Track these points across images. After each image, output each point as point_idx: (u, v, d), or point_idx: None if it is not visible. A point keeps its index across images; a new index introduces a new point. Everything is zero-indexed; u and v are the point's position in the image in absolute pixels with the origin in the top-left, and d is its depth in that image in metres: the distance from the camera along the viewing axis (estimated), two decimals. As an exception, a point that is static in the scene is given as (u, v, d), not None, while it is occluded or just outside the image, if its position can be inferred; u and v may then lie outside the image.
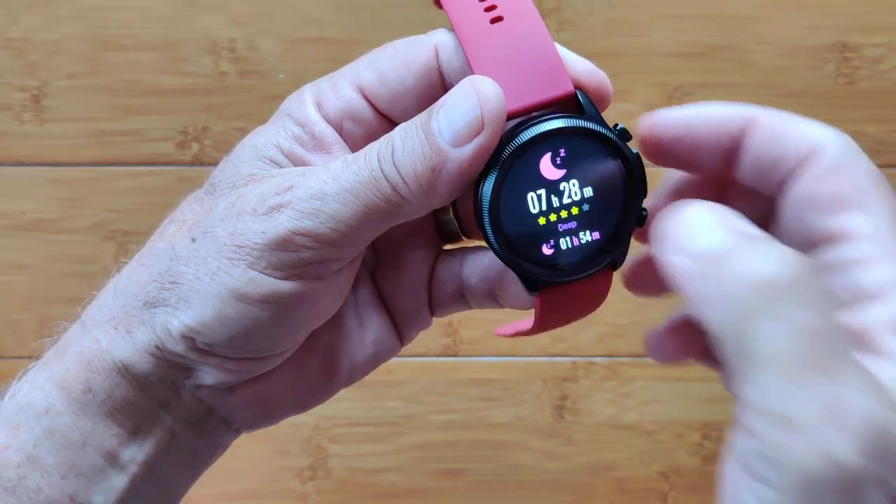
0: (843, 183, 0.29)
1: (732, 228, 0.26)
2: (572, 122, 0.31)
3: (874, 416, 0.23)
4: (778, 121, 0.30)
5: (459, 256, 0.35)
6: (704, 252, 0.26)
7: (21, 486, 0.32)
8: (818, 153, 0.29)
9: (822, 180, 0.29)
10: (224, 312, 0.31)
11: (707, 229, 0.26)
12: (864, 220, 0.28)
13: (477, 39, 0.31)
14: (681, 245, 0.26)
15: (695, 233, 0.26)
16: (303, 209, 0.30)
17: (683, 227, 0.27)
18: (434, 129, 0.30)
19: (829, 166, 0.29)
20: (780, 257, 0.25)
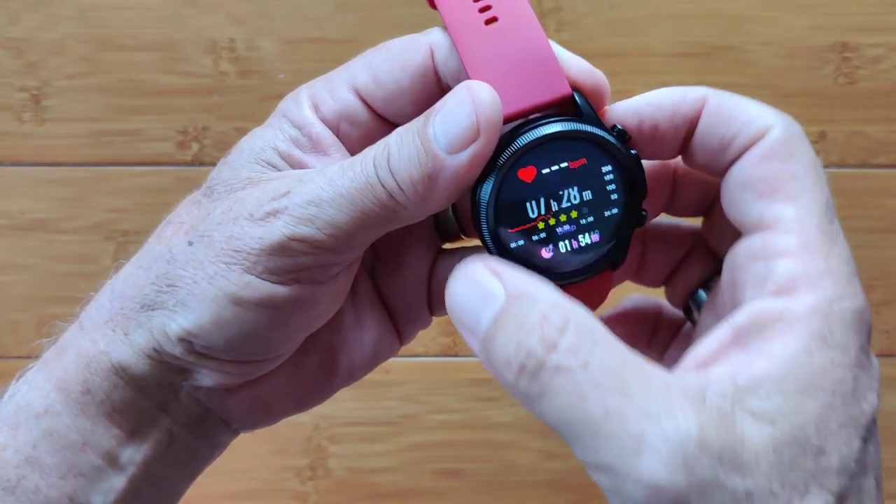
0: (779, 169, 0.29)
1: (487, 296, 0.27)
2: (569, 125, 0.31)
3: (675, 433, 0.24)
4: (726, 102, 0.30)
5: (459, 255, 0.35)
6: (475, 331, 0.27)
7: (20, 487, 0.32)
8: (761, 136, 0.29)
9: (758, 164, 0.29)
10: (221, 316, 0.31)
11: (471, 305, 0.28)
12: (792, 210, 0.28)
13: (471, 42, 0.31)
14: (460, 322, 0.28)
15: (464, 309, 0.28)
16: (299, 215, 0.30)
17: (456, 301, 0.28)
18: (430, 135, 0.29)
19: (768, 151, 0.29)
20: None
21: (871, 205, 0.82)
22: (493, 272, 0.27)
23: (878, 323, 0.82)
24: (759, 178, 0.29)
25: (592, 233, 0.32)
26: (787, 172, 0.28)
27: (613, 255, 0.32)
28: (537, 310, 0.26)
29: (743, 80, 0.81)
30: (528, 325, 0.26)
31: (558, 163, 0.31)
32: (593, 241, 0.32)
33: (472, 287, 0.27)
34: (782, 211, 0.28)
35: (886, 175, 0.82)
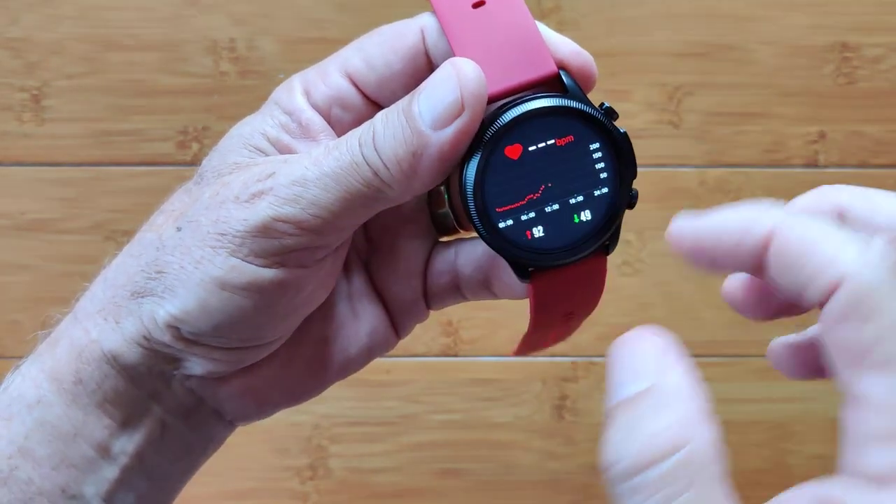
0: (859, 332, 0.24)
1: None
2: (555, 101, 0.30)
3: None
4: (794, 243, 0.25)
5: (454, 247, 0.35)
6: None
7: (13, 478, 0.32)
8: (833, 291, 0.24)
9: (834, 328, 0.24)
10: (207, 301, 0.31)
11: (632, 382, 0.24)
12: (881, 386, 0.24)
13: (458, 22, 0.31)
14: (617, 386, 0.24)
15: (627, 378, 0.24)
16: (284, 195, 0.30)
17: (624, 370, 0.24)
18: (415, 112, 0.29)
19: (844, 310, 0.24)
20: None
21: (872, 204, 0.82)
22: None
23: (879, 323, 0.82)
24: (839, 344, 0.24)
25: (582, 212, 0.31)
26: (870, 336, 0.23)
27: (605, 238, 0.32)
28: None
29: (743, 80, 0.81)
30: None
31: (545, 140, 0.31)
32: (583, 221, 0.31)
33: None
34: (870, 386, 0.24)
35: (886, 175, 0.82)
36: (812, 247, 0.24)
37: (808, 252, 0.24)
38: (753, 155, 0.82)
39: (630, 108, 0.81)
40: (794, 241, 0.25)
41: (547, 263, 0.31)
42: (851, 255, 0.23)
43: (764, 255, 0.26)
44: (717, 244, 0.27)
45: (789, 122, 0.81)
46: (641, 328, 0.24)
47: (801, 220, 0.25)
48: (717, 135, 0.82)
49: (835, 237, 0.24)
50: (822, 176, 0.82)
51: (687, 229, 0.28)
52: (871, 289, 0.23)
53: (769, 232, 0.25)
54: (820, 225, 0.24)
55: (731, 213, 0.27)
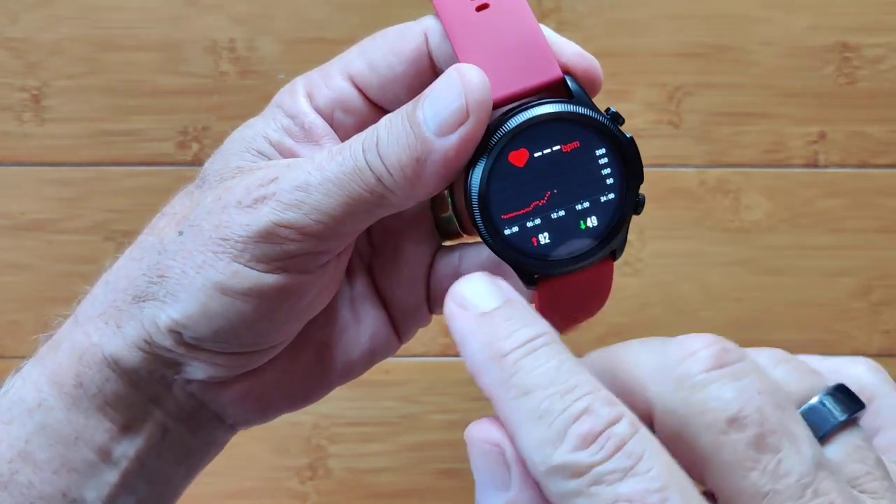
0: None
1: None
2: (561, 107, 0.30)
3: None
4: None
5: (458, 251, 0.35)
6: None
7: (13, 482, 0.32)
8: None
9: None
10: (209, 306, 0.30)
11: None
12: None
13: (462, 27, 0.31)
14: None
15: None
16: (286, 201, 0.30)
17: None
18: (419, 118, 0.29)
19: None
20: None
21: (871, 205, 0.82)
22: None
23: (878, 323, 0.82)
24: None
25: (588, 218, 0.31)
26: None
27: (612, 243, 0.31)
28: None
29: (743, 80, 0.81)
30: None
31: (551, 146, 0.30)
32: (590, 227, 0.31)
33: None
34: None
35: (886, 175, 0.82)
36: (513, 437, 0.24)
37: (512, 440, 0.24)
38: (753, 155, 0.82)
39: (630, 108, 0.80)
40: (504, 423, 0.24)
41: (553, 270, 0.31)
42: (536, 461, 0.23)
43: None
44: None
45: (789, 122, 0.81)
46: (481, 425, 0.24)
47: (508, 394, 0.24)
48: (717, 135, 0.82)
49: (529, 428, 0.23)
50: (822, 176, 0.82)
51: None
52: (559, 498, 0.23)
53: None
54: (521, 404, 0.23)
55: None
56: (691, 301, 0.80)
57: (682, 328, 0.79)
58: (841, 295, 0.82)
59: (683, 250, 0.81)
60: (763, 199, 0.82)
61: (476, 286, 0.25)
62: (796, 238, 0.82)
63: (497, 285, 0.25)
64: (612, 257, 0.32)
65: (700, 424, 0.23)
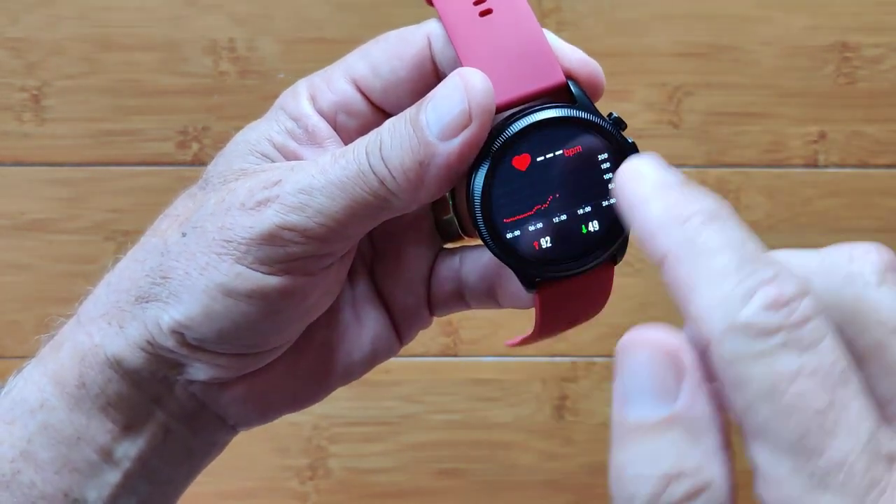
0: (734, 401, 0.23)
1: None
2: (563, 111, 0.30)
3: None
4: (682, 278, 0.23)
5: (459, 254, 0.35)
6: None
7: (15, 482, 0.32)
8: (708, 350, 0.23)
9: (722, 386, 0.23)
10: (212, 308, 0.30)
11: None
12: (759, 454, 0.23)
13: (465, 32, 0.31)
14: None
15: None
16: (290, 203, 0.30)
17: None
18: (422, 122, 0.29)
19: (718, 374, 0.23)
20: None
21: (871, 205, 0.82)
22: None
23: (879, 323, 0.82)
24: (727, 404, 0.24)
25: (590, 223, 0.31)
26: (740, 406, 0.22)
27: (613, 248, 0.31)
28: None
29: (743, 80, 0.81)
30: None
31: (553, 150, 0.30)
32: (591, 232, 0.31)
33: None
34: (754, 455, 0.23)
35: (886, 175, 0.82)
36: (689, 294, 0.22)
37: (685, 301, 0.22)
38: (753, 155, 0.82)
39: (630, 108, 0.80)
40: (680, 281, 0.23)
41: (554, 275, 0.31)
42: (717, 317, 0.21)
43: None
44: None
45: (789, 122, 0.81)
46: (654, 329, 0.23)
47: (693, 251, 0.22)
48: (717, 135, 0.82)
49: (714, 284, 0.22)
50: (822, 176, 0.82)
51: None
52: (733, 360, 0.21)
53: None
54: (708, 261, 0.22)
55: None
56: (691, 301, 0.80)
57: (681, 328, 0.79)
58: (841, 295, 0.82)
59: (683, 250, 0.81)
60: (763, 199, 0.82)
61: (653, 163, 0.24)
62: (796, 238, 0.82)
63: (672, 168, 0.24)
64: (612, 262, 0.32)
65: (868, 321, 0.22)
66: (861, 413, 0.21)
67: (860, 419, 0.21)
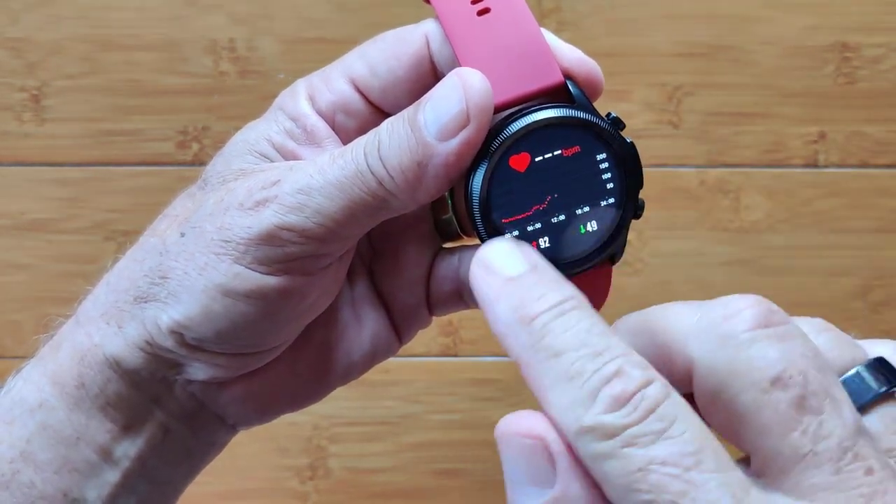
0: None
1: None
2: (562, 112, 0.30)
3: None
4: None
5: (458, 254, 0.35)
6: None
7: (14, 481, 0.32)
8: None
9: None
10: (211, 307, 0.30)
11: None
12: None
13: (463, 32, 0.31)
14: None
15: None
16: (288, 204, 0.30)
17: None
18: (420, 122, 0.29)
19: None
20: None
21: (871, 205, 0.82)
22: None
23: (878, 323, 0.82)
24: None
25: (589, 223, 0.31)
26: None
27: (611, 248, 0.31)
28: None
29: (743, 80, 0.81)
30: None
31: (552, 150, 0.30)
32: (590, 232, 0.31)
33: None
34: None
35: (886, 175, 0.82)
36: (542, 400, 0.23)
37: (541, 404, 0.23)
38: (753, 155, 0.82)
39: (630, 108, 0.80)
40: (532, 386, 0.23)
41: None
42: (567, 422, 0.22)
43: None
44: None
45: (789, 122, 0.81)
46: (523, 417, 0.23)
47: (539, 356, 0.23)
48: (717, 135, 0.82)
49: (560, 388, 0.23)
50: (822, 176, 0.82)
51: None
52: (590, 460, 0.22)
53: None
54: (553, 365, 0.23)
55: None
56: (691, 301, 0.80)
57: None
58: (840, 295, 0.82)
59: (683, 250, 0.81)
60: (763, 199, 0.82)
61: (502, 251, 0.25)
62: (796, 238, 0.82)
63: (523, 251, 0.25)
64: (610, 261, 0.32)
65: (742, 383, 0.23)
66: (720, 491, 0.21)
67: (720, 499, 0.21)
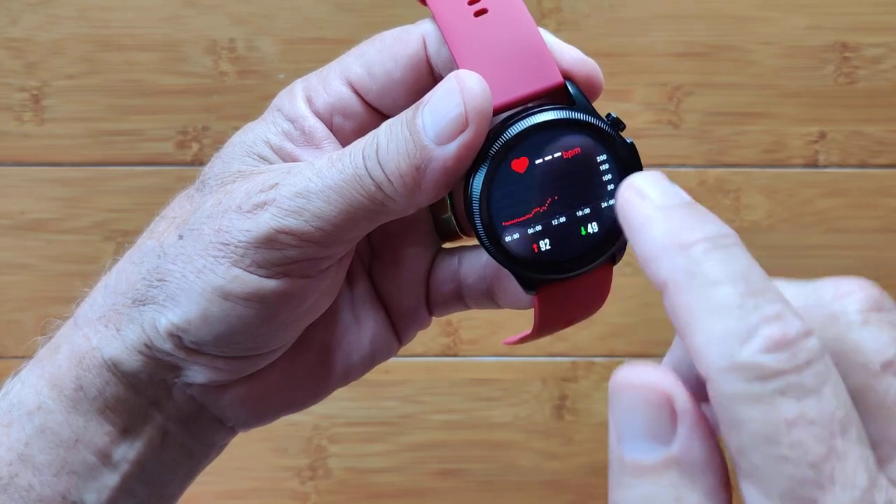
0: (728, 440, 0.22)
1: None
2: (562, 113, 0.30)
3: None
4: (682, 309, 0.23)
5: (457, 255, 0.35)
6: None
7: (13, 485, 0.31)
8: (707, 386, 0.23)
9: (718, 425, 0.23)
10: (209, 311, 0.30)
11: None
12: (751, 495, 0.22)
13: (460, 33, 0.31)
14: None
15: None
16: (287, 207, 0.30)
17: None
18: (418, 126, 0.29)
19: (716, 413, 0.23)
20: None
21: (871, 205, 0.82)
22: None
23: (879, 323, 0.82)
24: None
25: (589, 224, 0.31)
26: (734, 446, 0.22)
27: (612, 249, 0.31)
28: None
29: (743, 80, 0.81)
30: None
31: (552, 153, 0.30)
32: (591, 233, 0.31)
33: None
34: (746, 494, 0.22)
35: (886, 175, 0.82)
36: (688, 326, 0.21)
37: (685, 332, 0.21)
38: (753, 155, 0.82)
39: (630, 108, 0.80)
40: (680, 311, 0.22)
41: (553, 277, 0.31)
42: (715, 354, 0.21)
43: None
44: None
45: (789, 122, 0.81)
46: (646, 369, 0.22)
47: (695, 281, 0.21)
48: (717, 135, 0.82)
49: (715, 318, 0.21)
50: (822, 176, 0.82)
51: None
52: (730, 400, 0.21)
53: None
54: (710, 293, 0.21)
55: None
56: (691, 301, 0.80)
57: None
58: (841, 295, 0.82)
59: (683, 250, 0.81)
60: (763, 199, 0.82)
61: (656, 182, 0.23)
62: (796, 238, 0.82)
63: (677, 187, 0.23)
64: (611, 262, 0.32)
65: (852, 364, 0.22)
66: (857, 465, 0.20)
67: (856, 472, 0.20)
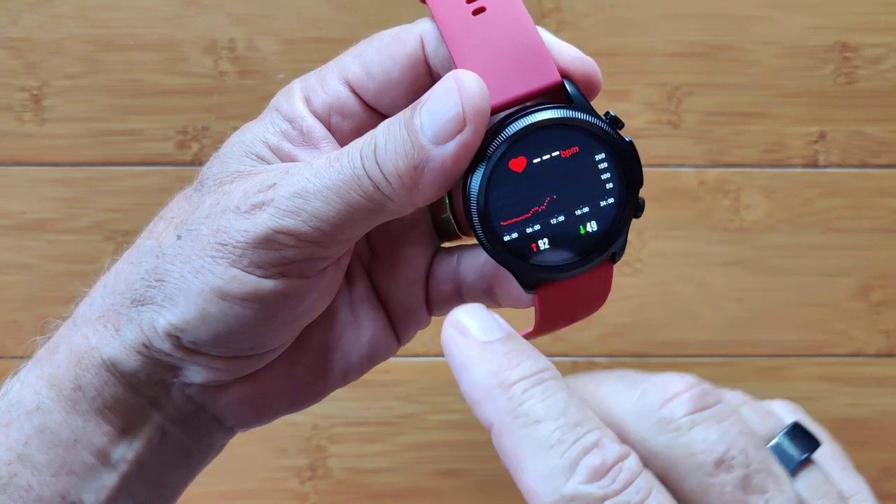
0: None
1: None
2: (560, 113, 0.30)
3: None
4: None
5: (457, 254, 0.35)
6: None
7: (12, 485, 0.32)
8: None
9: None
10: (207, 311, 0.30)
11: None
12: None
13: (459, 32, 0.31)
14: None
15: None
16: (285, 207, 0.30)
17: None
18: (416, 125, 0.29)
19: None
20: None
21: (871, 205, 0.82)
22: None
23: (878, 323, 0.82)
24: None
25: (588, 223, 0.31)
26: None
27: (612, 247, 0.31)
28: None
29: (743, 80, 0.81)
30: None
31: (550, 152, 0.30)
32: (589, 232, 0.31)
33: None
34: None
35: (886, 175, 0.82)
36: (517, 467, 0.24)
37: (515, 472, 0.24)
38: (753, 155, 0.82)
39: (630, 108, 0.80)
40: (507, 451, 0.24)
41: (553, 276, 0.31)
42: (544, 491, 0.23)
43: None
44: None
45: (789, 122, 0.81)
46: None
47: (517, 422, 0.24)
48: (717, 135, 0.82)
49: (539, 456, 0.23)
50: (822, 176, 0.82)
51: None
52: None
53: None
54: (532, 432, 0.24)
55: None
56: (691, 301, 0.80)
57: (682, 328, 0.79)
58: (840, 295, 0.82)
59: (683, 250, 0.81)
60: (763, 199, 0.82)
61: (476, 316, 0.25)
62: (796, 238, 0.82)
63: (496, 318, 0.25)
64: (611, 261, 0.32)
65: (686, 467, 0.23)
66: None
67: None
